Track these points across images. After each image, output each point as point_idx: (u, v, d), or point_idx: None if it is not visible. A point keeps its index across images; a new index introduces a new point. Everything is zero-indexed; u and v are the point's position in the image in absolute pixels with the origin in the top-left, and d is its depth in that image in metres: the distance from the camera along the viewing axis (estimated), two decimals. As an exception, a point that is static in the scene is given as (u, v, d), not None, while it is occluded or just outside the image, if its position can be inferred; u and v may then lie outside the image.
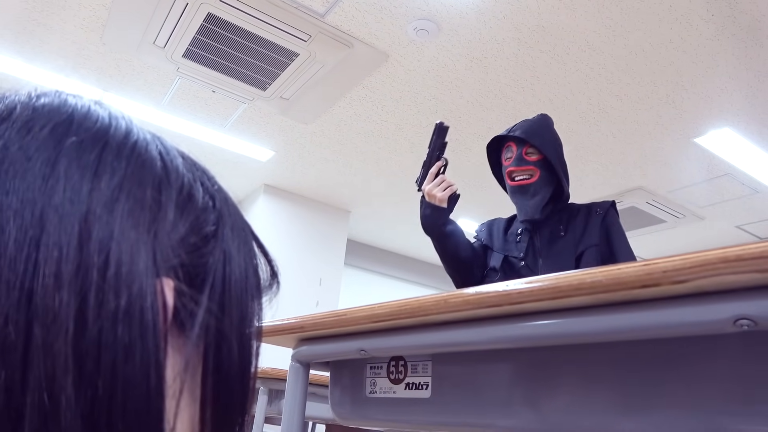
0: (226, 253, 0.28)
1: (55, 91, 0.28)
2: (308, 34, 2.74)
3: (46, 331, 0.21)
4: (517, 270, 1.58)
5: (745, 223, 4.36)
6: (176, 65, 3.06)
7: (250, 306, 0.29)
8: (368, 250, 5.71)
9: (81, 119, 0.26)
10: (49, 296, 0.21)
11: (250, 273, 0.30)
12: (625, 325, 0.56)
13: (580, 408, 0.67)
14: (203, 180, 0.30)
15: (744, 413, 0.54)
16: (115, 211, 0.24)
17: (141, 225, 0.24)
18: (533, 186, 1.57)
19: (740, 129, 3.23)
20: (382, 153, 3.90)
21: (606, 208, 1.57)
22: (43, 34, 2.91)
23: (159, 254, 0.25)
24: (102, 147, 0.25)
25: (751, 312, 0.48)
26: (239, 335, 0.28)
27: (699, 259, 0.49)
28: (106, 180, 0.24)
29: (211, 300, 0.27)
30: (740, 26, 2.50)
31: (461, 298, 0.67)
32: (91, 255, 0.22)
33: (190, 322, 0.26)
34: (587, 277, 0.56)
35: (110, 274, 0.22)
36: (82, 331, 0.21)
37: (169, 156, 0.28)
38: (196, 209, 0.28)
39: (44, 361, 0.21)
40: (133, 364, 0.22)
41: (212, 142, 3.94)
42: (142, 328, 0.23)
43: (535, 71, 2.92)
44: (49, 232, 0.22)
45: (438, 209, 1.59)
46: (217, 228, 0.29)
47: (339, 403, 0.98)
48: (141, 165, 0.26)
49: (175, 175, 0.28)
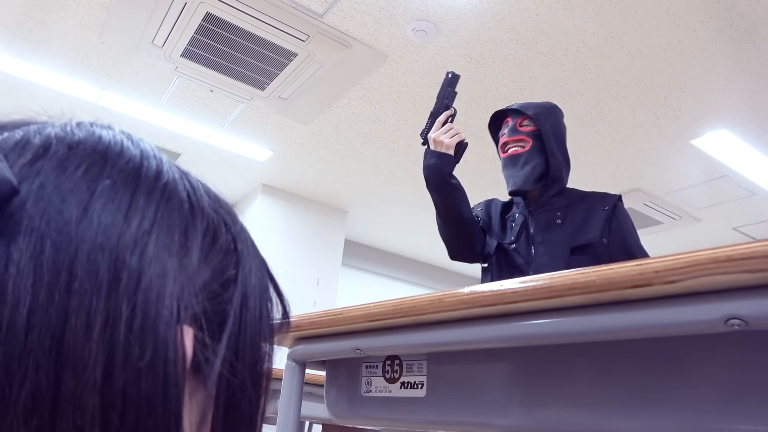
0: (244, 296, 0.29)
1: (89, 125, 0.28)
2: (307, 34, 2.74)
3: (76, 381, 0.21)
4: (509, 256, 1.51)
5: (741, 225, 4.38)
6: (174, 64, 3.06)
7: (263, 348, 0.30)
8: (366, 251, 5.71)
9: (114, 159, 0.26)
10: (80, 345, 0.21)
11: (264, 315, 0.30)
12: (618, 325, 0.57)
13: (574, 407, 0.67)
14: (226, 220, 0.30)
15: (734, 413, 0.54)
16: (144, 257, 0.24)
17: (168, 272, 0.24)
18: (524, 156, 1.51)
19: (737, 131, 3.24)
20: (380, 153, 3.91)
21: (612, 205, 1.49)
22: (42, 33, 2.91)
23: (182, 302, 0.25)
24: (134, 189, 0.25)
25: (742, 312, 0.49)
26: (251, 377, 0.28)
27: (690, 260, 0.49)
28: (136, 224, 0.24)
29: (227, 348, 0.27)
30: (737, 29, 2.50)
31: (456, 297, 0.68)
32: (120, 304, 0.22)
33: (206, 369, 0.26)
34: (580, 276, 0.57)
35: (136, 325, 0.22)
36: (109, 382, 0.22)
37: (196, 196, 0.29)
38: (219, 253, 0.28)
39: (73, 412, 0.21)
40: (155, 417, 0.23)
41: (210, 141, 3.94)
42: (164, 381, 0.23)
43: (532, 72, 2.93)
44: (80, 279, 0.22)
45: (444, 156, 1.51)
46: (237, 272, 0.29)
47: (335, 402, 0.98)
48: (170, 209, 0.26)
49: (201, 218, 0.28)
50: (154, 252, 0.24)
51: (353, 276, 5.49)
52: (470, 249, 1.57)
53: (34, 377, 0.20)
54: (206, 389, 0.26)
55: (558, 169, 1.52)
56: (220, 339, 0.27)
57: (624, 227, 1.48)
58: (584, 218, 1.48)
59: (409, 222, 5.08)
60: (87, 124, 0.28)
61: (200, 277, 0.26)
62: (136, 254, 0.24)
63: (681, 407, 0.58)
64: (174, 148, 4.11)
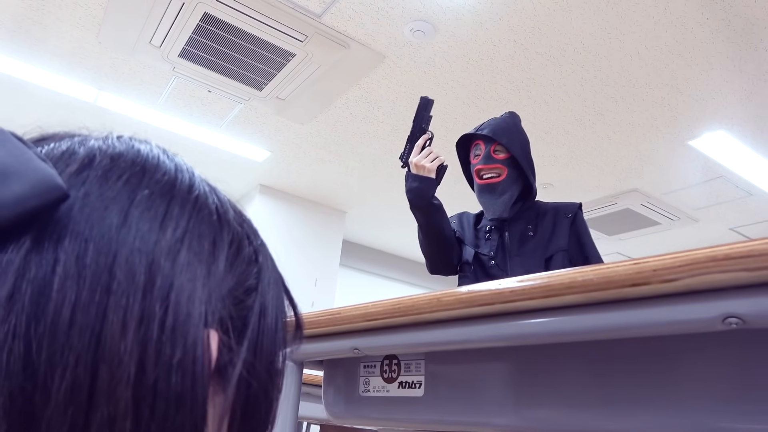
0: (263, 306, 0.30)
1: (129, 139, 0.31)
2: (305, 34, 2.74)
3: (111, 375, 0.22)
4: (486, 268, 1.60)
5: (739, 226, 4.38)
6: (172, 65, 3.06)
7: (278, 356, 0.31)
8: (364, 251, 5.71)
9: (152, 171, 0.28)
10: (116, 342, 0.23)
11: (280, 325, 0.32)
12: (615, 324, 0.57)
13: (573, 407, 0.67)
14: (249, 234, 0.32)
15: (732, 411, 0.55)
16: (177, 262, 0.26)
17: (198, 277, 0.26)
18: (501, 184, 1.59)
19: (734, 132, 3.25)
20: (378, 154, 3.91)
21: (574, 212, 1.61)
22: (39, 33, 2.91)
23: (210, 306, 0.26)
24: (169, 200, 0.27)
25: (739, 310, 0.49)
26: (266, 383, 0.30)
27: (688, 258, 0.49)
28: (170, 232, 0.26)
29: (247, 352, 0.29)
30: (734, 30, 2.51)
31: (454, 296, 0.68)
32: (154, 304, 0.24)
33: (228, 372, 0.27)
34: (578, 275, 0.57)
35: (168, 325, 0.24)
36: (141, 377, 0.23)
37: (223, 209, 0.31)
38: (243, 263, 0.30)
39: (107, 404, 0.22)
40: (183, 413, 0.24)
41: (208, 142, 3.93)
42: (193, 378, 0.24)
43: (530, 73, 2.93)
44: (119, 280, 0.24)
45: (426, 180, 1.58)
46: (258, 282, 0.31)
47: (333, 402, 0.98)
48: (201, 219, 0.28)
49: (227, 229, 0.30)
50: (185, 258, 0.26)
51: (351, 276, 5.48)
52: (449, 263, 1.65)
53: (73, 369, 0.22)
54: (225, 392, 0.28)
55: (531, 190, 1.64)
56: (241, 343, 0.28)
57: (582, 231, 1.59)
58: (552, 228, 1.59)
59: (406, 222, 5.08)
60: (126, 138, 0.31)
61: (226, 284, 0.28)
62: (170, 259, 0.25)
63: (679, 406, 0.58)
64: (172, 149, 4.09)
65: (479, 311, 0.67)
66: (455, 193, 4.12)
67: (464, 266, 1.64)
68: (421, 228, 1.62)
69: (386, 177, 4.23)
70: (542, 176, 3.91)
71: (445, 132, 3.56)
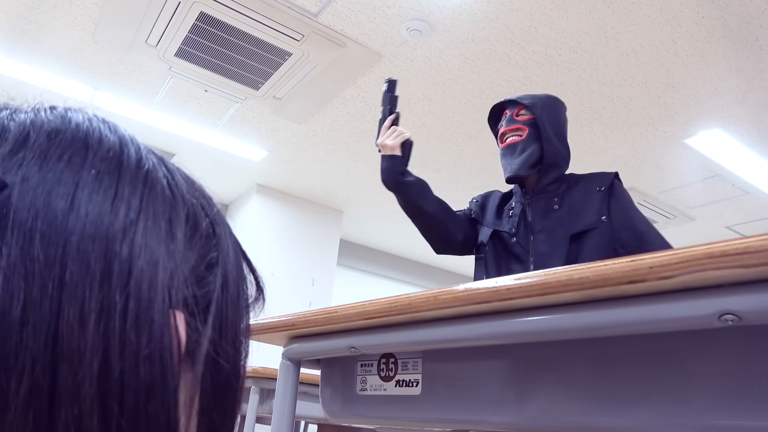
0: (224, 278, 0.29)
1: (63, 110, 0.28)
2: (301, 33, 2.74)
3: (73, 373, 0.21)
4: (509, 246, 1.51)
5: (735, 224, 4.40)
6: (168, 64, 3.05)
7: (242, 324, 0.30)
8: (361, 250, 5.71)
9: (95, 148, 0.26)
10: (74, 337, 0.21)
11: (241, 292, 0.31)
12: (612, 321, 0.57)
13: (570, 404, 0.67)
14: (203, 204, 0.31)
15: (728, 408, 0.55)
16: (133, 246, 0.24)
17: (157, 260, 0.25)
18: (521, 144, 1.52)
19: (730, 130, 3.25)
20: (374, 153, 3.90)
21: (609, 184, 1.47)
22: (35, 33, 2.90)
23: (173, 288, 0.25)
24: (118, 179, 0.25)
25: (735, 307, 0.49)
26: (232, 354, 0.29)
27: (685, 255, 0.49)
28: (123, 213, 0.24)
29: (213, 328, 0.27)
30: (730, 28, 2.52)
31: (451, 294, 0.68)
32: (113, 294, 0.22)
33: (197, 352, 0.26)
34: (575, 273, 0.57)
35: (131, 314, 0.23)
36: (106, 372, 0.22)
37: (174, 181, 0.29)
38: (201, 238, 0.29)
39: (72, 403, 0.21)
40: (155, 403, 0.23)
41: (205, 141, 3.93)
42: (162, 366, 0.23)
43: (527, 72, 2.94)
44: (72, 270, 0.22)
45: (393, 158, 1.57)
46: (219, 254, 0.29)
47: (330, 401, 0.98)
48: (154, 197, 0.26)
49: (182, 204, 0.28)
50: (142, 240, 0.24)
51: (348, 276, 5.48)
52: (449, 240, 1.58)
53: (31, 372, 0.20)
54: (194, 371, 0.26)
55: (553, 154, 1.52)
56: (207, 321, 0.27)
57: (623, 204, 1.45)
58: (581, 202, 1.47)
59: (404, 221, 5.07)
60: (61, 109, 0.28)
61: (187, 262, 0.27)
62: (126, 243, 0.24)
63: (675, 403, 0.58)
64: (168, 149, 4.10)
65: (476, 309, 0.67)
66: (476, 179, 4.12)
67: (480, 247, 1.56)
68: (403, 208, 1.59)
69: (383, 176, 4.23)
70: (539, 175, 3.91)
71: (441, 131, 3.56)
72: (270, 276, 4.46)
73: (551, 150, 1.51)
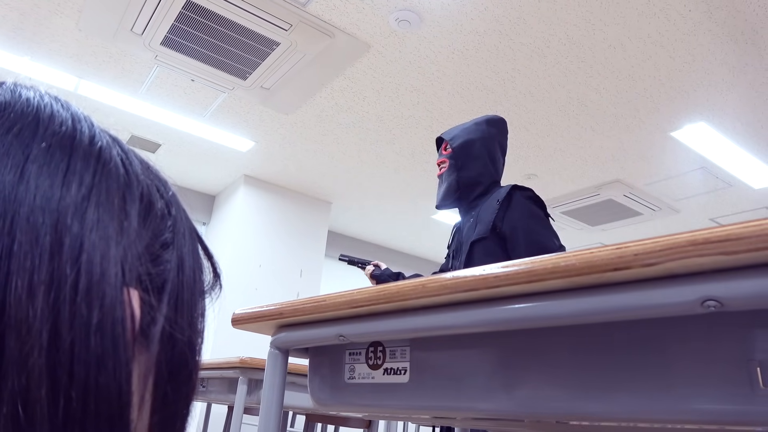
0: (180, 259, 0.29)
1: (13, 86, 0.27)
2: (289, 23, 2.72)
3: (21, 343, 0.21)
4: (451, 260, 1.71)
5: (719, 216, 4.46)
6: (154, 53, 3.02)
7: (198, 308, 0.30)
8: (349, 242, 5.71)
9: (46, 122, 0.26)
10: (23, 308, 0.21)
11: (197, 276, 0.31)
12: (598, 308, 0.58)
13: (558, 391, 0.68)
14: (158, 185, 0.31)
15: (709, 393, 0.56)
16: (85, 220, 0.24)
17: (110, 235, 0.24)
18: (443, 176, 1.73)
19: (715, 123, 3.29)
20: (363, 144, 3.90)
21: (505, 196, 1.57)
22: (17, 20, 2.85)
23: (126, 264, 0.25)
24: (70, 153, 0.25)
25: (717, 293, 0.50)
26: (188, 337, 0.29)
27: (669, 243, 0.50)
28: (75, 188, 0.24)
29: (168, 307, 0.27)
30: (716, 22, 2.54)
31: (439, 282, 0.68)
32: (63, 266, 0.22)
33: (151, 330, 0.26)
34: (561, 260, 0.57)
35: (82, 286, 0.22)
36: (55, 343, 0.21)
37: (129, 161, 0.29)
38: (156, 217, 0.29)
39: (18, 374, 0.21)
40: (106, 375, 0.23)
41: (191, 131, 3.90)
42: (113, 339, 0.23)
43: (515, 63, 2.94)
44: (20, 241, 0.21)
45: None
46: (174, 235, 0.29)
47: (318, 389, 0.98)
48: (107, 174, 0.26)
49: (136, 183, 0.28)
50: (94, 216, 0.24)
51: (336, 267, 5.48)
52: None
53: None
54: (149, 351, 0.27)
55: (469, 177, 1.68)
56: (162, 299, 0.27)
57: (517, 215, 1.52)
58: (483, 213, 1.60)
59: (392, 212, 5.08)
60: (10, 84, 0.28)
61: (141, 240, 0.27)
62: (77, 218, 0.23)
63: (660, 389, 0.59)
64: (154, 139, 4.06)
65: (463, 297, 0.67)
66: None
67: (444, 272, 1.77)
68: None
69: (372, 167, 4.23)
70: (525, 167, 3.94)
71: (429, 122, 3.56)
72: (258, 267, 4.45)
73: (467, 175, 1.69)
